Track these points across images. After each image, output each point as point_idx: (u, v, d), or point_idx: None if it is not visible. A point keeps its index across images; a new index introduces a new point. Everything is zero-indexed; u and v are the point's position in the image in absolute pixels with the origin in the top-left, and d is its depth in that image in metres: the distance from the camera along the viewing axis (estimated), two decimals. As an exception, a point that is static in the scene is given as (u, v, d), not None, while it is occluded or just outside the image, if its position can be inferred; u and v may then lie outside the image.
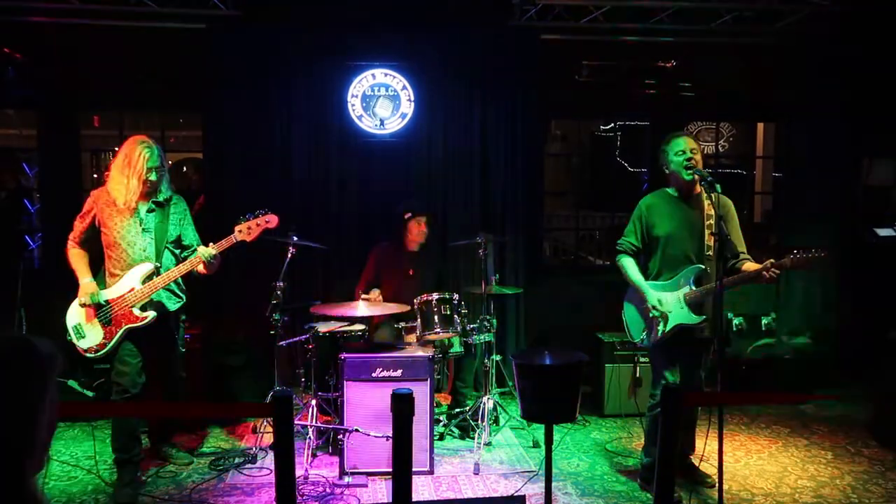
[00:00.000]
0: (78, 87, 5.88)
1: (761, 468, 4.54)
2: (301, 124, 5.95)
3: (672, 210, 4.07)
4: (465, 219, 6.12)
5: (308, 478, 4.24)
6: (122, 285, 4.06)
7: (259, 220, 4.24)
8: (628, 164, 8.49)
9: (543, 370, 3.31)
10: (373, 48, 5.94)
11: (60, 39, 5.75)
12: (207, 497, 4.03)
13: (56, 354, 1.42)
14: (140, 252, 4.08)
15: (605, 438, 5.07)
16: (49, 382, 1.40)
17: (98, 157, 9.58)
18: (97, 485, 4.20)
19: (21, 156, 7.57)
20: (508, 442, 4.97)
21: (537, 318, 6.30)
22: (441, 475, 4.37)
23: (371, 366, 4.32)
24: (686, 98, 6.31)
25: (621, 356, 5.48)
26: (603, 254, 8.98)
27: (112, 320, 4.05)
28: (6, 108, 6.87)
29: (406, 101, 5.98)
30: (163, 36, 5.79)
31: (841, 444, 4.96)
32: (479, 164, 6.11)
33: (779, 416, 5.53)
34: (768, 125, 8.50)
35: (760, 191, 8.13)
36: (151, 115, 7.24)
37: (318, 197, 6.02)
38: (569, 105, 6.47)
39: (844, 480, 4.34)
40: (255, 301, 5.98)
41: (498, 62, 6.05)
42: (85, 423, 5.10)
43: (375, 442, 4.10)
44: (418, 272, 5.29)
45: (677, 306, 3.96)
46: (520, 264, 6.21)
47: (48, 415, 1.39)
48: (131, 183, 4.02)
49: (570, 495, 4.10)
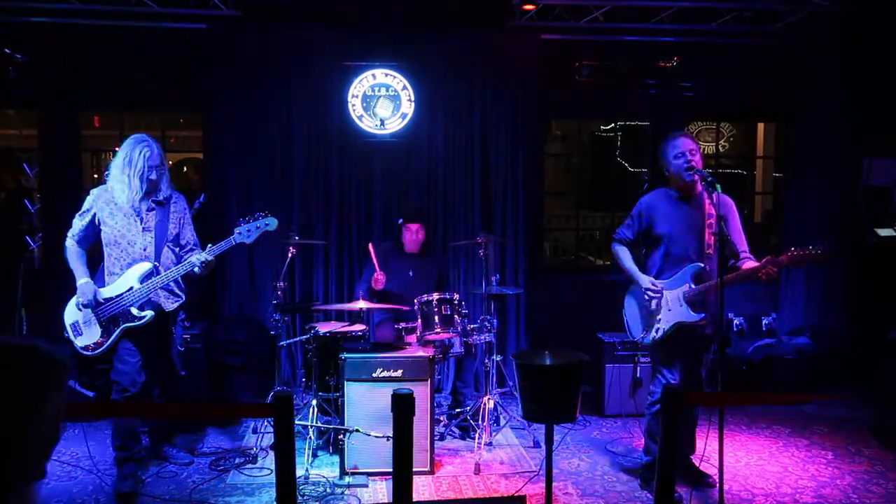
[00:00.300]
0: (78, 87, 5.88)
1: (762, 468, 4.54)
2: (301, 124, 5.95)
3: (673, 210, 4.07)
4: (465, 219, 6.13)
5: (308, 478, 4.24)
6: (120, 284, 4.06)
7: (259, 223, 4.24)
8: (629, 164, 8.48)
9: (544, 370, 3.31)
10: (373, 48, 5.95)
11: (61, 40, 5.76)
12: (208, 497, 4.03)
13: (63, 360, 1.39)
14: (140, 251, 4.09)
15: (606, 438, 5.07)
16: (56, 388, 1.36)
17: (98, 158, 9.56)
18: (97, 484, 4.20)
19: (21, 156, 7.56)
20: (509, 442, 4.97)
21: (538, 318, 6.31)
22: (441, 475, 4.37)
23: (372, 366, 4.32)
24: (686, 98, 6.31)
25: (622, 356, 5.48)
26: (603, 254, 8.97)
27: (110, 319, 4.05)
28: (7, 108, 6.87)
29: (406, 101, 5.98)
30: (163, 36, 5.80)
31: (841, 444, 4.96)
32: (479, 164, 6.11)
33: (779, 416, 5.52)
34: (769, 125, 8.49)
35: (761, 191, 8.12)
36: (152, 115, 7.25)
37: (319, 197, 6.02)
38: (569, 105, 6.47)
39: (845, 480, 4.34)
40: (256, 301, 6.01)
41: (498, 62, 6.05)
42: (87, 423, 5.09)
43: (376, 442, 4.09)
44: (418, 273, 5.29)
45: (676, 304, 3.97)
46: (520, 264, 6.21)
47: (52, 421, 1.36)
48: (133, 183, 4.02)
49: (571, 495, 4.10)
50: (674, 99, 6.31)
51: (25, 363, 1.34)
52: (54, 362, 1.37)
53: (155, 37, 5.80)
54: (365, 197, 6.08)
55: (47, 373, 1.36)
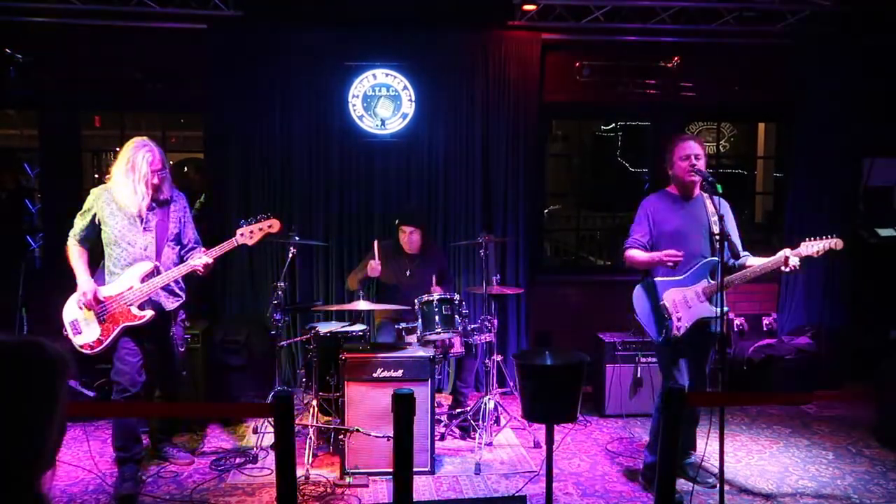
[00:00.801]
0: (79, 87, 5.88)
1: (762, 468, 4.54)
2: (302, 124, 5.95)
3: (676, 210, 4.11)
4: (466, 219, 6.13)
5: (309, 478, 4.24)
6: (121, 283, 4.06)
7: (262, 225, 4.24)
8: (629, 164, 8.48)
9: (544, 370, 3.31)
10: (374, 48, 5.95)
11: (62, 40, 5.76)
12: (208, 497, 4.03)
13: (67, 357, 1.41)
14: (140, 251, 4.09)
15: (607, 438, 5.07)
16: (60, 385, 1.39)
17: (99, 158, 9.55)
18: (98, 484, 4.20)
19: (22, 156, 7.57)
20: (509, 442, 4.96)
21: (538, 318, 6.30)
22: (442, 475, 4.37)
23: (372, 366, 4.32)
24: (687, 98, 6.31)
25: (622, 356, 5.47)
26: (604, 254, 8.97)
27: (110, 318, 4.05)
28: (7, 108, 6.87)
29: (407, 101, 5.98)
30: (164, 36, 5.80)
31: (842, 444, 4.96)
32: (480, 164, 6.11)
33: (780, 416, 5.52)
34: (769, 125, 8.49)
35: (761, 191, 8.12)
36: (152, 115, 7.24)
37: (319, 197, 6.02)
38: (570, 105, 6.47)
39: (846, 481, 4.34)
40: (257, 301, 6.01)
41: (499, 62, 6.05)
42: (87, 423, 5.09)
43: (376, 442, 4.09)
44: (416, 273, 5.29)
45: (696, 300, 3.98)
46: (521, 264, 6.20)
47: (58, 417, 1.39)
48: (139, 188, 4.00)
49: (571, 495, 4.10)
50: (674, 99, 6.32)
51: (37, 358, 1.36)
52: (60, 357, 1.40)
53: (156, 37, 5.80)
54: (365, 197, 6.08)
55: (56, 367, 1.38)
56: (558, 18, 6.03)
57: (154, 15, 5.66)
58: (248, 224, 4.25)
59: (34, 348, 1.37)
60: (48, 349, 1.37)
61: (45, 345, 1.38)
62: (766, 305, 6.58)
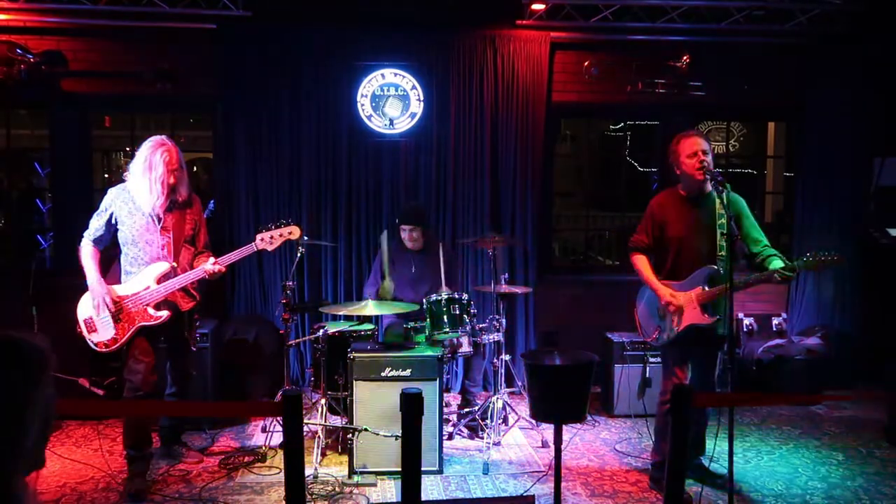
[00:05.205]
0: (89, 87, 5.91)
1: (772, 469, 4.52)
2: (311, 124, 5.96)
3: (683, 211, 4.07)
4: (474, 218, 6.12)
5: (317, 477, 4.25)
6: (137, 282, 4.07)
7: (282, 231, 4.25)
8: (638, 163, 8.45)
9: (553, 370, 3.30)
10: (382, 48, 5.96)
11: (72, 40, 5.79)
12: (217, 496, 4.04)
13: (46, 352, 1.37)
14: (157, 250, 4.10)
15: (615, 438, 5.06)
16: (39, 381, 1.35)
17: (109, 158, 9.63)
18: (108, 483, 4.22)
19: (33, 156, 7.62)
20: (518, 442, 4.96)
21: (547, 317, 6.29)
22: (450, 475, 4.37)
23: (380, 365, 4.32)
24: (696, 97, 6.28)
25: (631, 356, 5.46)
26: (612, 254, 8.95)
27: (126, 317, 4.06)
28: (18, 108, 6.90)
29: (415, 100, 5.98)
30: (173, 36, 5.83)
31: (853, 445, 4.93)
32: (488, 163, 6.10)
33: (790, 416, 5.50)
34: (779, 125, 8.43)
35: (771, 190, 8.07)
36: (162, 114, 7.27)
37: (328, 196, 6.03)
38: (578, 105, 6.46)
39: (856, 482, 4.31)
40: (265, 300, 6.03)
41: (507, 62, 6.05)
42: (98, 422, 5.12)
43: (385, 441, 4.08)
44: (420, 271, 5.29)
45: (690, 306, 3.95)
46: (529, 264, 6.20)
47: (39, 413, 1.34)
48: (155, 188, 4.00)
49: (580, 495, 4.09)
50: (683, 98, 6.29)
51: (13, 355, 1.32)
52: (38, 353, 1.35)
53: (165, 37, 5.82)
54: (374, 197, 6.08)
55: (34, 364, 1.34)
56: (567, 18, 6.02)
57: (164, 15, 5.68)
58: (267, 229, 4.24)
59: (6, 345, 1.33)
60: (24, 345, 1.34)
61: (21, 340, 1.34)
62: (775, 305, 6.55)
